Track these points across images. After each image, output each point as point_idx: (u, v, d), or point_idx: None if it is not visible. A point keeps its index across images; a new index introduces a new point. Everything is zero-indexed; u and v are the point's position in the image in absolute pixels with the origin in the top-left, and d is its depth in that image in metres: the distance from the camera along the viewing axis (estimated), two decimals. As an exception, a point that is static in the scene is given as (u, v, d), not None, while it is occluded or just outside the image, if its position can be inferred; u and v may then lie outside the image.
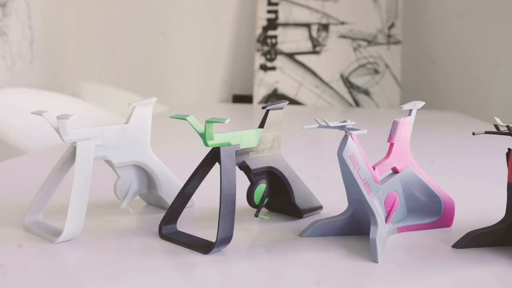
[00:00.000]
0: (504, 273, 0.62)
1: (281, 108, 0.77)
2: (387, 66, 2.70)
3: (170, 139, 1.52)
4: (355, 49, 2.72)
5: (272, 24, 2.76)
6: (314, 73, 2.73)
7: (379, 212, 0.68)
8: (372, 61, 2.70)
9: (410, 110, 0.74)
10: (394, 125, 0.72)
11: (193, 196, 0.82)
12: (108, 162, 0.77)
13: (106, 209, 0.82)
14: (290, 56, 2.74)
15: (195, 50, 2.95)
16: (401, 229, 0.73)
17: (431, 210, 0.75)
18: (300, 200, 0.77)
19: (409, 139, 0.74)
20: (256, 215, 0.75)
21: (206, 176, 0.71)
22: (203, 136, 0.67)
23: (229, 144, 0.69)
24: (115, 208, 0.82)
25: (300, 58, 2.73)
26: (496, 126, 0.65)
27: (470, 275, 0.62)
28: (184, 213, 0.80)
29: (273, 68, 2.73)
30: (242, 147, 0.72)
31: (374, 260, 0.63)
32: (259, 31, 2.76)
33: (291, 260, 0.65)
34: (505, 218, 0.68)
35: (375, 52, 2.71)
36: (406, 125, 0.73)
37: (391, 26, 2.71)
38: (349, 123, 0.66)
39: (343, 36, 2.73)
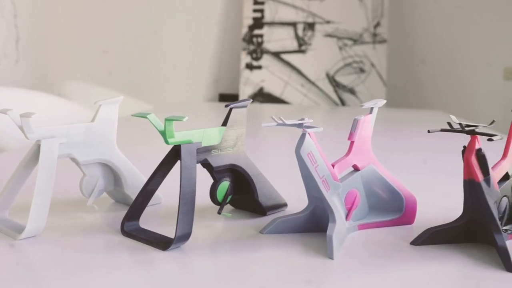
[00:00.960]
0: (460, 270, 0.63)
1: (245, 107, 0.78)
2: (372, 65, 2.71)
3: (152, 138, 1.53)
4: (340, 48, 2.73)
5: (258, 23, 2.76)
6: (300, 72, 2.74)
7: (338, 209, 0.69)
8: (357, 60, 2.72)
9: (372, 108, 0.74)
10: (355, 123, 0.72)
11: (159, 194, 0.83)
12: (74, 160, 0.77)
13: (72, 206, 0.82)
14: (276, 55, 2.74)
15: (182, 49, 2.95)
16: (362, 226, 0.74)
17: (392, 208, 0.76)
18: (263, 198, 0.78)
19: (370, 137, 0.75)
20: (219, 213, 0.76)
21: (175, 174, 0.72)
22: (163, 134, 0.68)
23: (190, 142, 0.70)
24: (81, 206, 0.82)
25: (286, 57, 2.74)
26: (449, 123, 0.66)
27: (426, 272, 0.62)
28: (150, 210, 0.81)
29: (259, 67, 2.74)
30: (204, 144, 0.72)
31: (330, 256, 0.64)
32: (245, 30, 2.77)
33: (249, 256, 0.66)
34: (462, 215, 0.69)
35: (361, 51, 2.72)
36: (367, 123, 0.74)
37: (377, 25, 2.73)
38: (307, 121, 0.67)
39: (328, 35, 2.74)
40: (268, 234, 0.72)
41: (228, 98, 2.88)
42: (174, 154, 0.70)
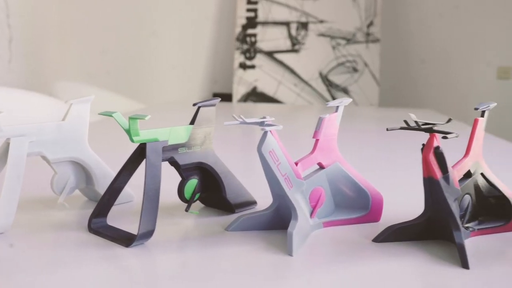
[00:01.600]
0: (420, 266, 0.63)
1: (213, 105, 0.78)
2: (366, 64, 2.71)
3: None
4: (334, 48, 2.74)
5: (251, 22, 2.77)
6: (293, 72, 2.74)
7: (301, 206, 0.69)
8: (351, 60, 2.72)
9: (337, 107, 0.75)
10: (319, 121, 0.73)
11: (132, 192, 0.84)
12: (44, 158, 0.78)
13: (44, 204, 0.83)
14: (269, 54, 2.75)
15: (176, 49, 2.96)
16: (327, 224, 0.74)
17: (359, 205, 0.76)
18: (232, 195, 0.79)
19: (336, 135, 0.75)
20: (187, 210, 0.76)
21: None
22: (128, 132, 0.69)
23: (156, 140, 0.71)
24: (53, 203, 0.83)
25: (279, 56, 2.75)
26: (406, 122, 0.66)
27: (386, 268, 0.63)
28: (122, 208, 0.82)
29: (253, 67, 2.75)
30: (170, 143, 0.73)
31: (289, 253, 0.64)
32: (238, 29, 2.77)
33: (213, 253, 0.66)
34: (423, 213, 0.70)
35: (354, 51, 2.72)
36: (332, 121, 0.74)
37: (370, 24, 2.73)
38: (268, 120, 0.67)
39: (322, 35, 2.75)
40: (233, 232, 0.72)
41: (222, 97, 2.86)
42: (140, 152, 0.71)
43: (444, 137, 0.63)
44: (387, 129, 0.67)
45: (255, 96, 2.74)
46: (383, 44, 2.77)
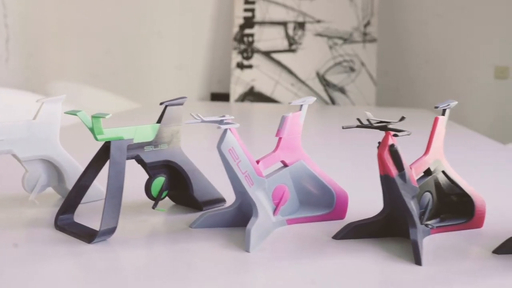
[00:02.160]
0: (377, 263, 0.64)
1: (181, 104, 0.79)
2: (363, 64, 2.72)
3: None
4: (331, 47, 2.74)
5: (248, 22, 2.78)
6: (290, 71, 2.75)
7: (262, 204, 0.70)
8: (348, 59, 2.72)
9: (301, 106, 0.76)
10: (282, 120, 0.74)
11: (103, 190, 0.85)
12: (15, 156, 0.79)
13: (15, 202, 0.85)
14: (267, 54, 2.76)
15: (174, 49, 2.98)
16: (291, 221, 0.75)
17: (323, 203, 0.77)
18: (199, 193, 0.80)
19: (300, 134, 0.76)
20: (153, 207, 0.77)
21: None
22: (92, 130, 0.70)
23: (121, 139, 0.72)
24: (24, 201, 0.84)
25: (276, 56, 2.75)
26: (359, 120, 0.67)
27: (342, 265, 0.63)
28: (94, 206, 0.83)
29: (250, 66, 2.76)
30: (136, 141, 0.74)
31: (247, 250, 0.65)
32: (236, 29, 2.78)
33: (174, 249, 0.67)
34: (382, 210, 0.70)
35: (351, 50, 2.72)
36: (296, 120, 0.75)
37: (367, 24, 2.73)
38: (227, 118, 0.68)
39: (319, 34, 2.75)
40: (197, 228, 0.73)
41: (220, 97, 2.90)
42: (105, 150, 0.72)
43: (395, 135, 0.63)
44: (343, 127, 0.68)
45: (253, 95, 2.75)
46: (380, 44, 2.77)
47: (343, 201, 0.77)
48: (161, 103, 0.78)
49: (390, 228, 0.70)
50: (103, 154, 0.73)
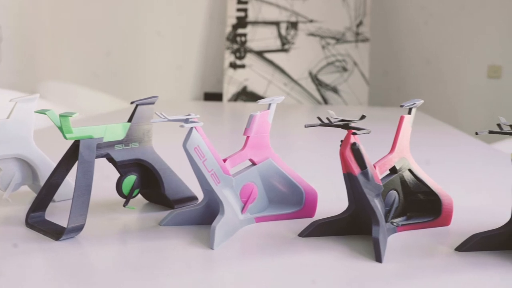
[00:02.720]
0: (342, 260, 0.65)
1: (152, 103, 0.80)
2: (355, 63, 2.72)
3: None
4: (323, 47, 2.75)
5: (241, 22, 2.79)
6: (283, 71, 2.76)
7: (229, 202, 0.71)
8: (340, 59, 2.73)
9: (269, 105, 0.77)
10: (250, 119, 0.74)
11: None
12: (-11, 155, 0.80)
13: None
14: (259, 54, 2.77)
15: (167, 48, 2.98)
16: (259, 219, 0.76)
17: (292, 201, 0.78)
18: (170, 191, 0.81)
19: (268, 133, 0.77)
20: (124, 205, 0.78)
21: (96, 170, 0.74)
22: (61, 129, 0.71)
23: (90, 137, 0.73)
24: (-1, 199, 0.85)
25: (269, 56, 2.76)
26: (319, 118, 0.68)
27: (304, 262, 0.64)
28: (69, 204, 0.84)
29: (243, 66, 2.77)
30: (106, 140, 0.75)
31: (211, 247, 0.66)
32: (229, 29, 2.79)
33: (141, 246, 0.68)
34: (347, 208, 0.71)
35: (344, 50, 2.73)
36: (264, 119, 0.76)
37: (359, 24, 2.74)
38: (192, 117, 0.69)
39: (311, 34, 2.76)
40: (166, 226, 0.74)
41: (213, 96, 2.91)
42: (75, 149, 0.73)
43: (354, 133, 0.64)
44: (305, 126, 0.69)
45: (245, 95, 2.75)
46: (373, 43, 2.78)
47: (312, 199, 0.78)
48: (131, 102, 0.79)
49: (355, 226, 0.70)
50: (73, 152, 0.73)
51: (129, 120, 0.79)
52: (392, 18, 2.85)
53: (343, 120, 0.66)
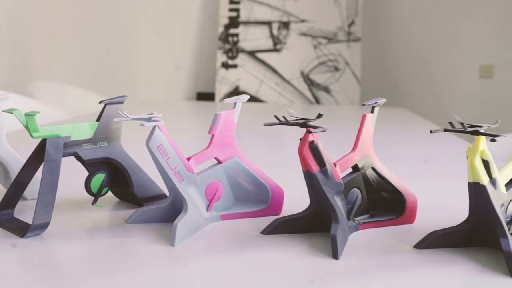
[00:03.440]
0: (301, 257, 0.66)
1: (121, 103, 0.81)
2: (347, 63, 2.73)
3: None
4: (315, 47, 2.75)
5: (233, 22, 2.80)
6: (275, 71, 2.76)
7: (193, 200, 0.72)
8: (332, 59, 2.74)
9: (235, 104, 0.77)
10: (215, 118, 0.75)
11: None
12: (-39, 153, 0.81)
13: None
14: (251, 54, 2.78)
15: (160, 48, 3.00)
16: (225, 217, 0.77)
17: (258, 199, 0.79)
18: (139, 190, 0.81)
19: (234, 131, 0.77)
20: (93, 203, 0.79)
21: (70, 169, 0.75)
22: (27, 128, 0.72)
23: (57, 136, 0.74)
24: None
25: (261, 56, 2.77)
26: (276, 117, 0.69)
27: (263, 258, 0.65)
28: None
29: (235, 66, 2.78)
30: (73, 139, 0.76)
31: (172, 244, 0.67)
32: (221, 29, 2.80)
33: (104, 243, 0.69)
34: (309, 206, 0.72)
35: (335, 50, 2.74)
36: (229, 118, 0.77)
37: (351, 23, 2.74)
38: (155, 115, 0.70)
39: (303, 34, 2.77)
40: (132, 224, 0.75)
41: (206, 96, 2.92)
42: (42, 148, 0.74)
43: (309, 132, 0.65)
44: (264, 124, 0.69)
45: (237, 95, 2.75)
46: (364, 43, 2.78)
47: (278, 197, 0.79)
48: (100, 102, 0.80)
49: (317, 224, 0.71)
50: (40, 151, 0.74)
51: (98, 119, 0.79)
52: (384, 18, 2.86)
53: (301, 119, 0.67)
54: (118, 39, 3.02)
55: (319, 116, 0.66)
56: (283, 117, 0.68)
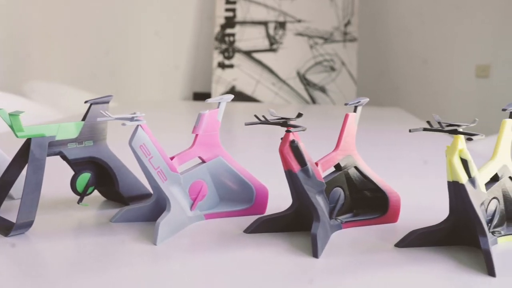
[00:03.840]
0: (282, 256, 0.66)
1: (106, 103, 0.81)
2: (343, 63, 2.73)
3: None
4: (311, 47, 2.76)
5: (230, 22, 2.80)
6: (271, 71, 2.77)
7: (176, 199, 0.72)
8: (328, 59, 2.74)
9: (219, 103, 0.78)
10: (199, 117, 0.76)
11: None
12: None
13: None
14: (248, 54, 2.78)
15: (156, 49, 3.00)
16: (209, 216, 0.77)
17: (243, 198, 0.79)
18: (125, 189, 0.82)
19: (218, 131, 0.78)
20: (78, 202, 0.80)
21: (57, 168, 0.76)
22: (12, 128, 0.72)
23: (42, 136, 0.74)
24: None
25: (257, 56, 2.77)
26: (256, 116, 0.69)
27: (245, 257, 0.66)
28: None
29: (231, 66, 2.78)
30: (58, 138, 0.76)
31: (154, 242, 0.67)
32: (217, 29, 2.81)
33: (87, 242, 0.70)
34: (291, 205, 0.72)
35: (331, 50, 2.74)
36: (213, 117, 0.77)
37: (347, 23, 2.75)
38: (138, 115, 0.70)
39: (299, 34, 2.77)
40: (117, 223, 0.76)
41: (202, 96, 2.92)
42: (27, 147, 0.74)
43: (288, 131, 0.65)
44: (245, 124, 0.70)
45: (234, 95, 2.76)
46: (360, 43, 2.79)
47: (263, 196, 0.79)
48: (85, 102, 0.80)
49: (299, 223, 0.72)
50: (25, 150, 0.75)
51: (83, 119, 0.80)
52: (380, 18, 2.86)
53: (282, 118, 0.67)
54: (115, 41, 3.02)
55: (299, 115, 0.66)
56: (263, 116, 0.68)
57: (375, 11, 2.85)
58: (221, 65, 2.78)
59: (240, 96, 2.76)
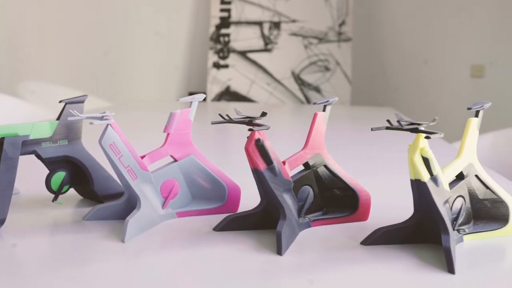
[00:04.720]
0: (247, 254, 0.67)
1: (81, 102, 0.83)
2: (337, 63, 2.74)
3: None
4: (306, 47, 2.77)
5: (225, 22, 2.81)
6: (266, 71, 2.78)
7: (147, 197, 0.73)
8: (323, 59, 2.75)
9: (191, 103, 0.79)
10: (170, 116, 0.77)
11: (17, 186, 0.88)
12: None
13: None
14: (243, 54, 2.79)
15: (152, 48, 3.01)
16: (181, 214, 0.78)
17: (215, 197, 0.80)
18: (99, 187, 0.83)
19: (190, 130, 0.79)
20: (53, 201, 0.81)
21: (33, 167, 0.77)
22: (-16, 127, 0.73)
23: (16, 135, 0.75)
24: None
25: (252, 56, 2.78)
26: (220, 115, 0.70)
27: (211, 254, 0.66)
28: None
29: (226, 66, 2.79)
30: (32, 137, 0.77)
31: (122, 239, 0.68)
32: (212, 29, 2.82)
33: (59, 239, 0.71)
34: (260, 203, 0.73)
35: (326, 50, 2.75)
36: (185, 116, 0.78)
37: (342, 23, 2.75)
38: (108, 114, 0.71)
39: (294, 34, 2.78)
40: (89, 221, 0.77)
41: (198, 96, 2.93)
42: (1, 146, 0.76)
43: (250, 129, 0.66)
44: (212, 123, 0.71)
45: (229, 95, 2.78)
46: (355, 43, 2.79)
47: (235, 194, 0.80)
48: (60, 101, 0.81)
49: (267, 221, 0.72)
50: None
51: (58, 118, 0.81)
52: (375, 18, 2.87)
53: (247, 117, 0.68)
54: (111, 41, 3.04)
55: (264, 114, 0.67)
56: (227, 115, 0.69)
57: (370, 11, 2.86)
58: (216, 65, 2.79)
59: (235, 96, 2.77)
